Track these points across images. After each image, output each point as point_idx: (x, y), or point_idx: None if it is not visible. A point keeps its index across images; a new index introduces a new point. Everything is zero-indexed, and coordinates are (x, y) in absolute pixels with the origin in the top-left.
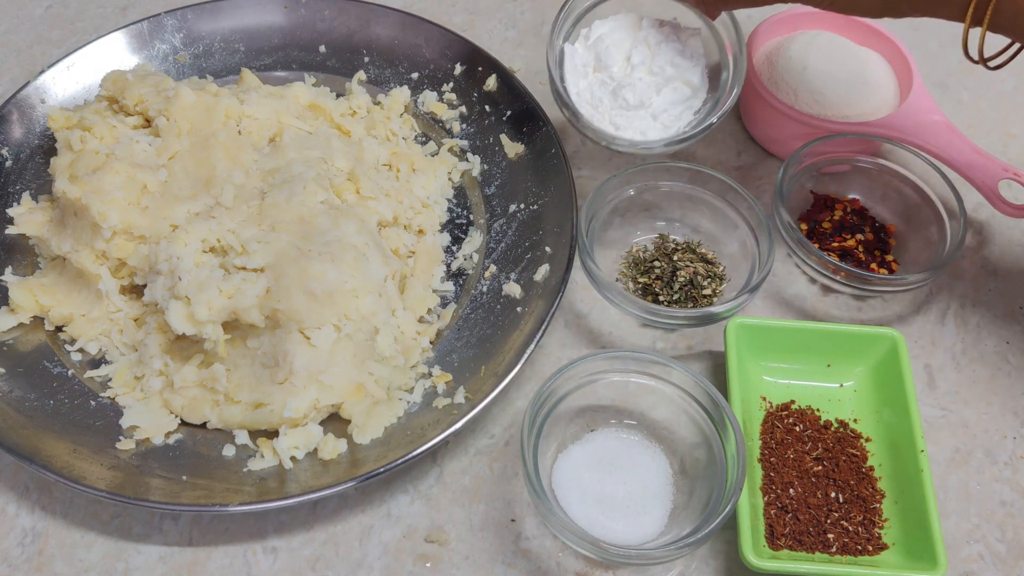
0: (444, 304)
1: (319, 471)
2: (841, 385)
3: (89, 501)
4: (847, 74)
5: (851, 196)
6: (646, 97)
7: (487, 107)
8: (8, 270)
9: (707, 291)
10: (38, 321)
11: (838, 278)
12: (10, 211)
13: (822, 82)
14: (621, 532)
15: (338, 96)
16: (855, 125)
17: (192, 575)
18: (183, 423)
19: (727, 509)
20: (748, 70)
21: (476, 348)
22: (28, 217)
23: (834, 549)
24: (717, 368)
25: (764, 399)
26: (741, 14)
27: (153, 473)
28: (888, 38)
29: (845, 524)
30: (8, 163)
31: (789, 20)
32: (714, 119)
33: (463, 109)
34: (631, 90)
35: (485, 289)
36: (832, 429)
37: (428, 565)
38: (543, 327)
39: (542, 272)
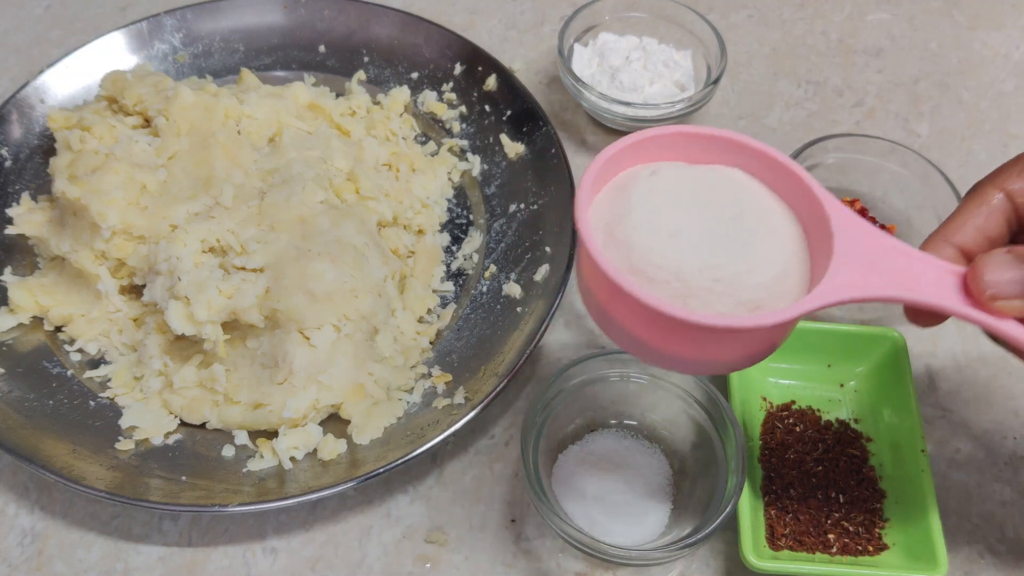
0: (444, 304)
1: (319, 471)
2: (842, 385)
3: (88, 501)
4: (728, 231)
5: (851, 196)
6: (639, 84)
7: (487, 107)
8: (8, 270)
9: None
10: (37, 321)
11: None
12: (10, 211)
13: (694, 250)
14: (621, 532)
15: (338, 96)
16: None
17: (191, 575)
18: (182, 423)
19: (727, 509)
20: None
21: (476, 348)
22: (27, 217)
23: (834, 549)
24: None
25: (764, 399)
26: (722, 20)
27: (152, 473)
28: (754, 149)
29: (845, 524)
30: (8, 163)
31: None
32: (692, 91)
33: (463, 109)
34: (627, 74)
35: (485, 289)
36: (833, 429)
37: (428, 566)
38: (543, 327)
39: (542, 272)
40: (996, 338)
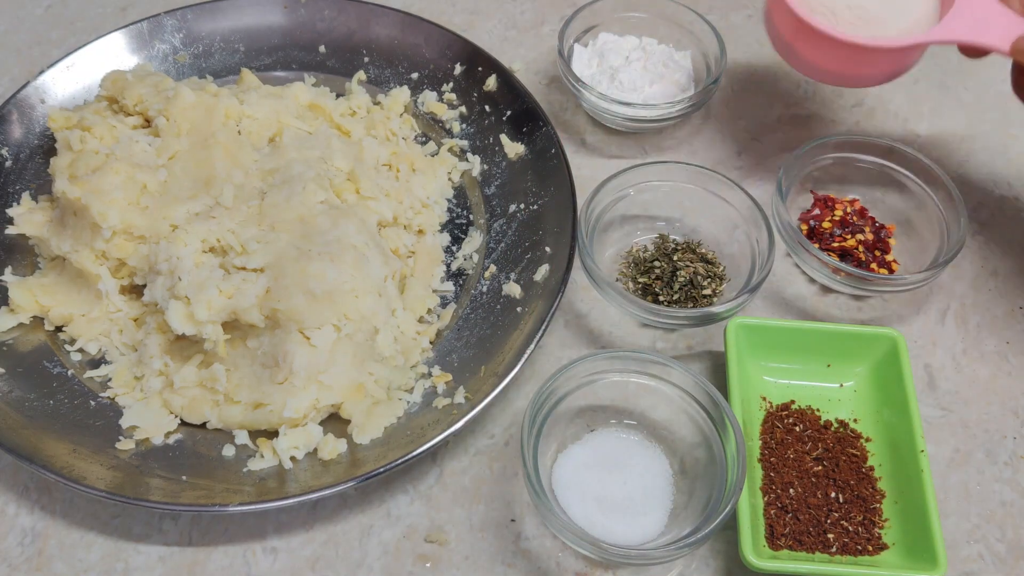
0: (444, 304)
1: (319, 471)
2: (841, 385)
3: (89, 501)
4: None
5: (851, 196)
6: (639, 84)
7: (487, 107)
8: (8, 270)
9: (707, 291)
10: (38, 321)
11: (838, 278)
12: (10, 211)
13: None
14: (621, 532)
15: (338, 96)
16: (909, 49)
17: (192, 575)
18: (183, 423)
19: (727, 509)
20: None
21: (476, 348)
22: (28, 217)
23: (834, 549)
24: (717, 368)
25: (764, 399)
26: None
27: (153, 473)
28: None
29: (845, 524)
30: (8, 163)
31: None
32: (692, 92)
33: (463, 109)
34: (627, 74)
35: (485, 289)
36: (832, 429)
37: (428, 565)
38: (543, 327)
39: (542, 272)
40: None
